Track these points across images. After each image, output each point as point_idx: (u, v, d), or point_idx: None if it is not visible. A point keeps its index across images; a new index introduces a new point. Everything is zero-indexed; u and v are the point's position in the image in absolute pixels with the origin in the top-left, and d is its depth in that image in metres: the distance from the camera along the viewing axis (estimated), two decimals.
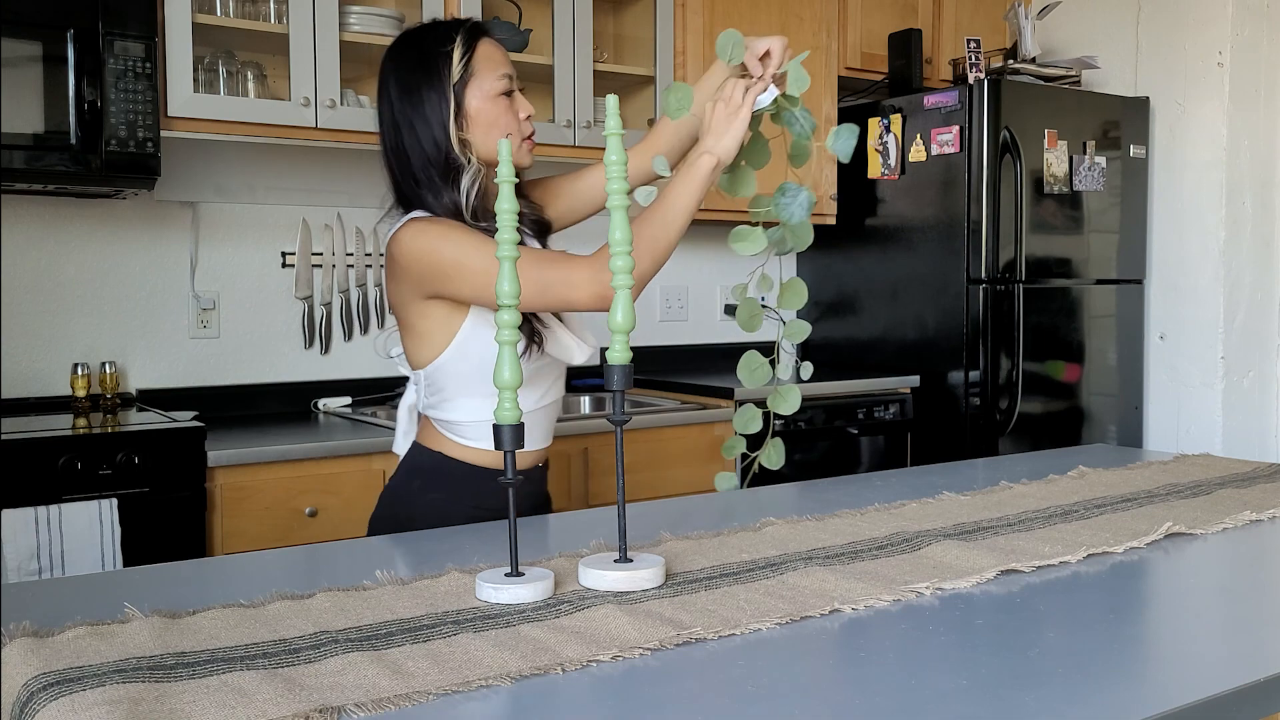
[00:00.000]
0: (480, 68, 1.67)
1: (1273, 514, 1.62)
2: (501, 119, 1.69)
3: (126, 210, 2.89)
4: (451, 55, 1.66)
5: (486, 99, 1.68)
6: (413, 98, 1.66)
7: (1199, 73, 3.81)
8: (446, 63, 1.66)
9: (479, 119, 1.68)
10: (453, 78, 1.66)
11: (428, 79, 1.66)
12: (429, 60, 1.66)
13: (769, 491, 1.88)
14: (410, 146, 1.68)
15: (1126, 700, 0.94)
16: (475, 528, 1.60)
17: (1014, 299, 3.53)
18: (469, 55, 1.66)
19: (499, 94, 1.69)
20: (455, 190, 1.66)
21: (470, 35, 1.69)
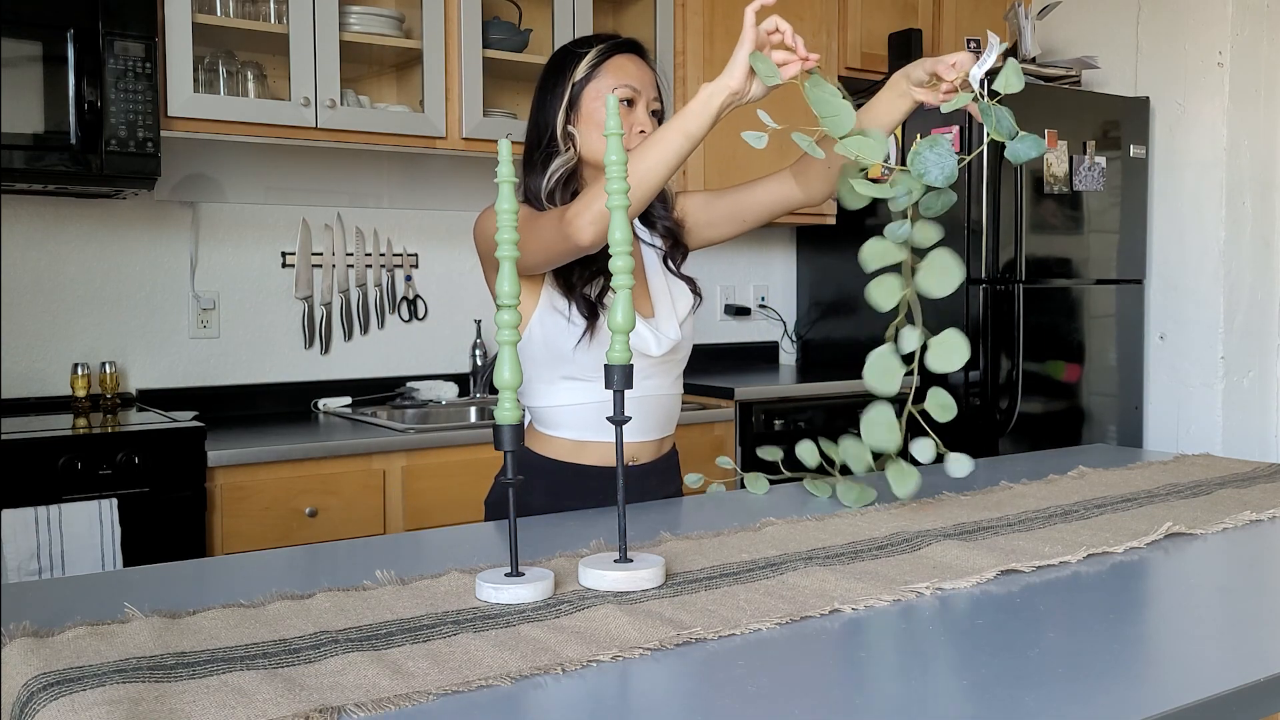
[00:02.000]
0: (605, 73, 1.75)
1: (1273, 514, 1.62)
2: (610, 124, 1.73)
3: (126, 210, 2.89)
4: (583, 57, 1.76)
5: (599, 100, 1.74)
6: (541, 90, 1.78)
7: (1199, 73, 3.81)
8: (576, 62, 1.76)
9: (589, 118, 1.75)
10: (576, 76, 1.75)
11: (557, 74, 1.77)
12: (564, 59, 1.78)
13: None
14: (528, 132, 1.81)
15: (1126, 700, 0.94)
16: (477, 526, 1.60)
17: (1014, 299, 3.52)
18: (600, 61, 1.76)
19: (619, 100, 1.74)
20: (543, 174, 1.75)
21: (613, 48, 1.77)
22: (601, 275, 1.71)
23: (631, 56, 1.78)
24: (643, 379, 1.76)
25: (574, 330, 1.70)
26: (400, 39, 2.97)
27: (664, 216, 1.86)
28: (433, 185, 3.32)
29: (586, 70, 1.75)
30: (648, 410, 1.79)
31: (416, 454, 2.65)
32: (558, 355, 1.72)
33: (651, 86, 1.79)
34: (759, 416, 3.25)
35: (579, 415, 1.75)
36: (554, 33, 3.15)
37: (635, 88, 1.75)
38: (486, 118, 3.03)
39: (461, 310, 3.38)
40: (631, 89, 1.75)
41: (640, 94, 1.76)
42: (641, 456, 1.81)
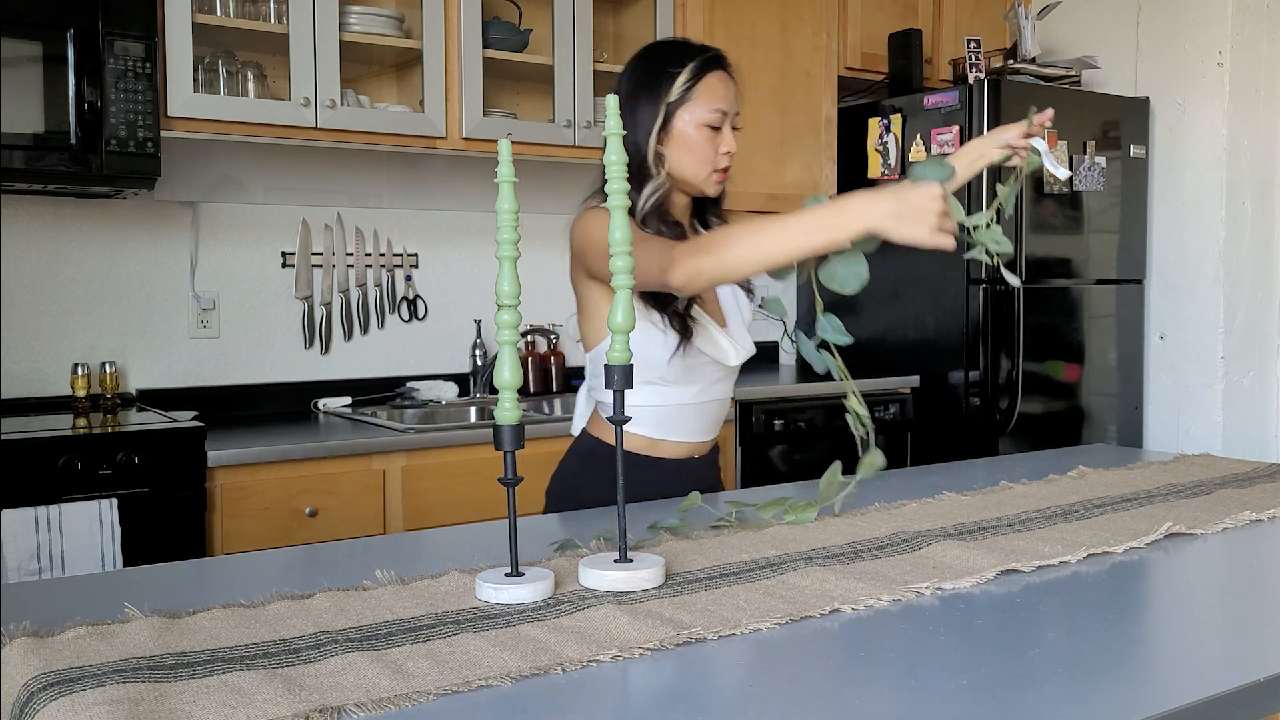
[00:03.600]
0: (698, 96, 1.77)
1: (1273, 514, 1.62)
2: (700, 148, 1.78)
3: (126, 210, 2.89)
4: (676, 77, 1.76)
5: (693, 125, 1.77)
6: (633, 101, 1.78)
7: (1199, 73, 3.81)
8: (670, 82, 1.76)
9: (680, 140, 1.77)
10: (669, 96, 1.76)
11: (649, 91, 1.78)
12: (657, 75, 1.78)
13: (769, 492, 1.88)
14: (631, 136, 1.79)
15: (1126, 700, 0.94)
16: (477, 527, 1.60)
17: (1014, 299, 3.52)
18: (693, 83, 1.76)
19: (706, 125, 1.77)
20: (637, 194, 1.77)
21: (704, 66, 1.78)
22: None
23: (721, 74, 1.79)
24: (713, 384, 1.86)
25: (668, 342, 1.76)
26: (400, 39, 2.97)
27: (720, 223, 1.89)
28: (433, 185, 3.32)
29: (680, 93, 1.76)
30: (711, 413, 1.89)
31: (416, 454, 2.65)
32: (645, 362, 1.78)
33: (737, 101, 1.81)
34: (759, 417, 3.25)
35: (655, 414, 1.83)
36: (554, 32, 3.15)
37: (725, 110, 1.78)
38: (486, 118, 3.03)
39: (461, 310, 3.38)
40: (721, 113, 1.77)
41: (728, 115, 1.78)
42: (700, 452, 1.91)
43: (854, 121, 3.83)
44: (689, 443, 1.87)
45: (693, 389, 1.83)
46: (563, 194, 3.53)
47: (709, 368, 1.83)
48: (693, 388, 1.83)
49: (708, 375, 1.84)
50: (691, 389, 1.83)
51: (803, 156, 3.68)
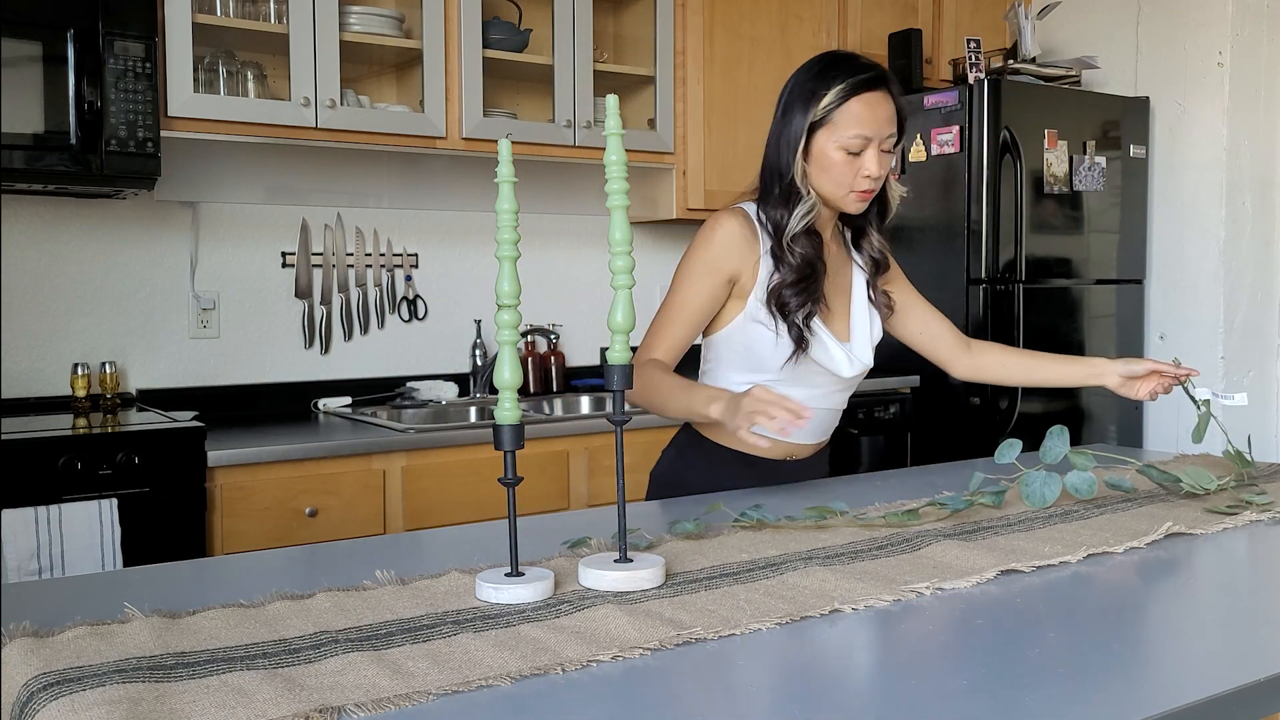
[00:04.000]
0: (841, 120, 1.76)
1: (1273, 514, 1.62)
2: (835, 170, 1.78)
3: (126, 210, 2.89)
4: (823, 96, 1.76)
5: (832, 147, 1.77)
6: (786, 114, 1.81)
7: (1199, 73, 3.81)
8: (816, 101, 1.76)
9: (818, 160, 1.79)
10: (813, 115, 1.77)
11: (800, 105, 1.79)
12: (807, 90, 1.78)
13: (769, 492, 1.88)
14: (771, 152, 1.84)
15: (1126, 700, 0.94)
16: (478, 526, 1.60)
17: (1014, 299, 3.52)
18: (836, 106, 1.76)
19: (846, 150, 1.77)
20: (787, 212, 1.80)
21: (852, 88, 1.76)
22: (812, 302, 1.80)
23: (874, 95, 1.77)
24: (825, 392, 1.89)
25: (782, 347, 1.80)
26: (400, 39, 2.97)
27: (875, 247, 1.92)
28: (433, 185, 3.32)
29: (823, 114, 1.76)
30: (818, 420, 1.91)
31: (416, 454, 2.65)
32: (757, 362, 1.83)
33: (889, 123, 1.78)
34: None
35: None
36: (554, 32, 3.15)
37: (867, 136, 1.76)
38: (486, 118, 3.03)
39: (461, 310, 3.38)
40: (863, 139, 1.76)
41: (871, 140, 1.76)
42: (800, 454, 1.95)
43: None
44: (788, 444, 1.90)
45: (802, 393, 1.84)
46: (563, 194, 3.53)
47: (821, 376, 1.86)
48: (803, 392, 1.84)
49: (820, 383, 1.87)
50: (803, 392, 1.84)
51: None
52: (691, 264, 1.84)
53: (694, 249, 1.84)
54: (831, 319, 1.87)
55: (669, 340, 1.83)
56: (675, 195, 3.44)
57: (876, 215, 1.90)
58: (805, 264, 1.80)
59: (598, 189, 1.53)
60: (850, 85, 1.76)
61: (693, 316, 1.83)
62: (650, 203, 3.51)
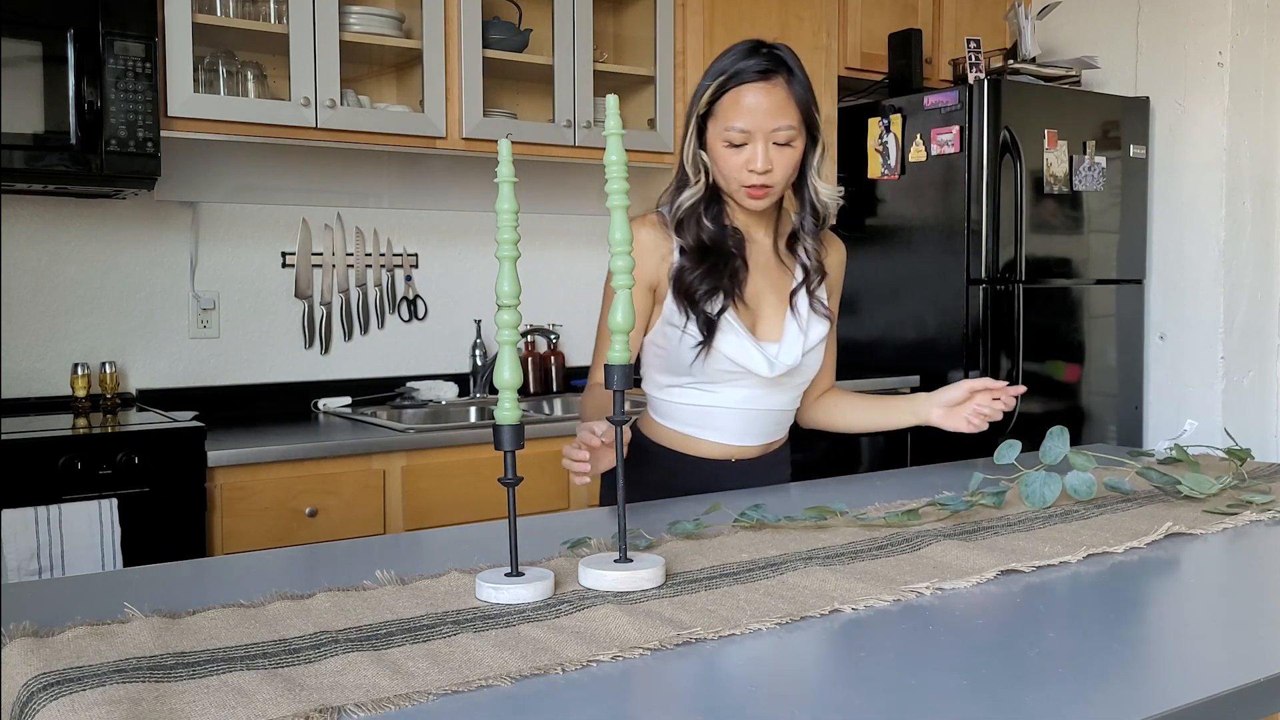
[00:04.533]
0: (720, 112, 1.75)
1: (1273, 514, 1.62)
2: (721, 162, 1.77)
3: (126, 210, 2.89)
4: (706, 88, 1.76)
5: (716, 140, 1.76)
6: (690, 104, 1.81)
7: (1199, 73, 3.81)
8: (700, 93, 1.77)
9: (710, 152, 1.78)
10: (699, 109, 1.77)
11: (695, 96, 1.79)
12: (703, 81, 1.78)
13: (769, 492, 1.88)
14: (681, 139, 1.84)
15: (1126, 700, 0.94)
16: (478, 526, 1.60)
17: (1014, 299, 3.52)
18: (715, 98, 1.75)
19: (728, 142, 1.75)
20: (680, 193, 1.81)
21: (731, 79, 1.73)
22: (721, 292, 1.77)
23: (756, 87, 1.72)
24: (759, 393, 1.85)
25: (689, 343, 1.77)
26: (400, 39, 2.97)
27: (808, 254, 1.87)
28: (433, 185, 3.32)
29: (705, 106, 1.76)
30: (752, 420, 1.88)
31: (416, 454, 2.65)
32: (674, 363, 1.82)
33: (774, 115, 1.72)
34: None
35: (689, 412, 1.86)
36: (554, 32, 3.15)
37: (746, 129, 1.72)
38: (486, 118, 3.03)
39: (461, 310, 3.38)
40: (740, 131, 1.72)
41: (753, 134, 1.72)
42: (743, 455, 1.90)
43: (854, 121, 3.84)
44: (727, 445, 1.87)
45: (733, 394, 1.83)
46: (563, 194, 3.53)
47: (744, 377, 1.82)
48: (733, 392, 1.83)
49: (745, 384, 1.83)
50: (731, 393, 1.83)
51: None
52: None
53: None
54: (761, 321, 1.83)
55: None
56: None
57: (810, 218, 1.83)
58: (702, 247, 1.78)
59: (598, 189, 1.53)
60: (729, 76, 1.73)
61: None
62: (650, 203, 3.50)
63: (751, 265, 1.83)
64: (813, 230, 1.85)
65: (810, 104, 1.76)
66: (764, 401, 1.87)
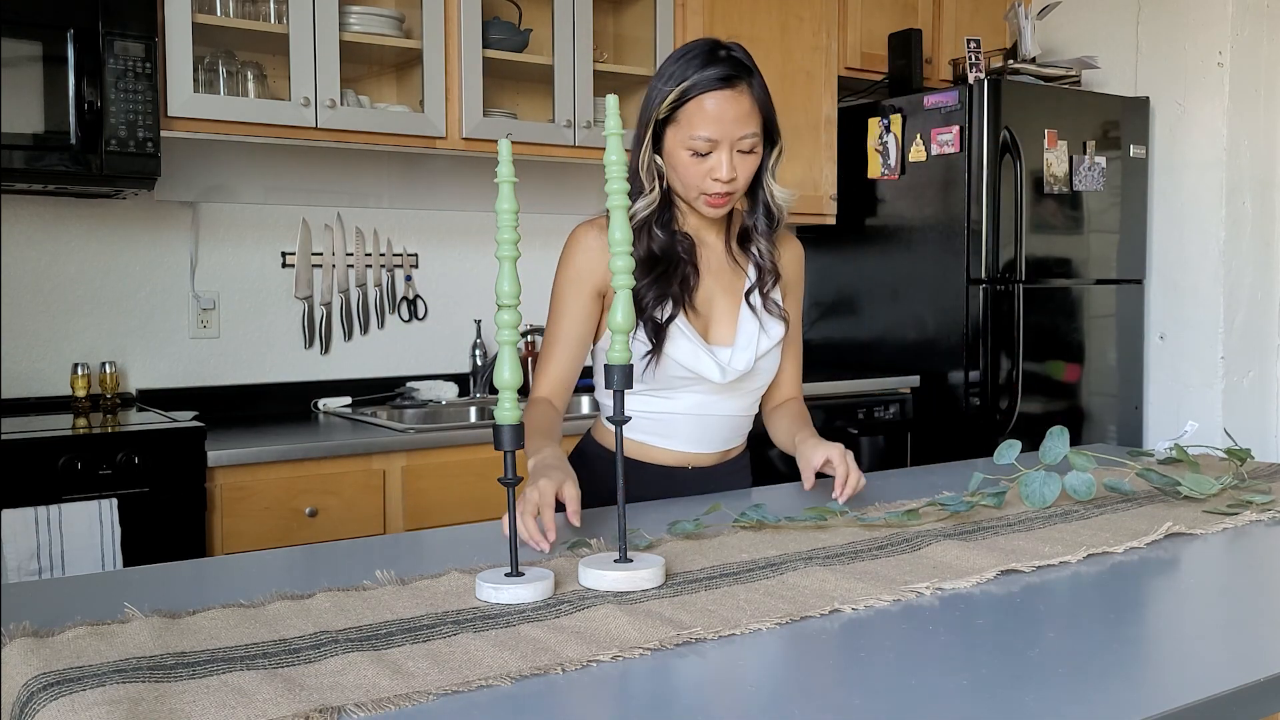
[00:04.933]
0: (684, 119, 1.68)
1: (1273, 514, 1.62)
2: (681, 170, 1.71)
3: (126, 210, 2.89)
4: (668, 94, 1.68)
5: (678, 147, 1.70)
6: (643, 107, 1.74)
7: (1199, 73, 3.81)
8: (661, 97, 1.69)
9: (669, 159, 1.72)
10: (658, 112, 1.70)
11: (651, 99, 1.72)
12: (658, 84, 1.71)
13: (769, 492, 1.88)
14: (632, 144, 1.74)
15: (1126, 700, 0.94)
16: (478, 526, 1.60)
17: (1014, 299, 3.52)
18: (679, 105, 1.68)
19: (692, 150, 1.69)
20: (633, 204, 1.72)
21: (697, 85, 1.67)
22: (671, 299, 1.74)
23: (721, 94, 1.66)
24: (713, 399, 1.82)
25: (639, 349, 1.73)
26: (400, 39, 2.97)
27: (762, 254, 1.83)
28: (433, 185, 3.32)
29: (667, 112, 1.69)
30: (708, 427, 1.85)
31: (416, 454, 2.65)
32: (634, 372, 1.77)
33: (740, 123, 1.67)
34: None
35: (642, 420, 1.82)
36: (554, 33, 3.15)
37: (712, 138, 1.67)
38: (486, 118, 3.03)
39: (461, 310, 3.38)
40: (706, 140, 1.67)
41: (719, 142, 1.68)
42: (701, 463, 1.87)
43: (854, 121, 3.84)
44: (683, 452, 1.84)
45: (685, 400, 1.80)
46: (563, 194, 3.53)
47: (696, 383, 1.79)
48: (685, 399, 1.80)
49: (698, 389, 1.80)
50: (683, 400, 1.80)
51: (803, 156, 3.68)
52: (558, 289, 1.78)
53: (557, 272, 1.78)
54: (713, 325, 1.80)
55: (552, 374, 1.77)
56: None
57: (763, 219, 1.80)
58: (653, 257, 1.73)
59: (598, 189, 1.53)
60: (695, 82, 1.66)
61: (572, 343, 1.77)
62: None
63: (703, 269, 1.79)
64: (766, 231, 1.81)
65: (770, 107, 1.73)
66: (718, 407, 1.83)
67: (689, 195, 1.74)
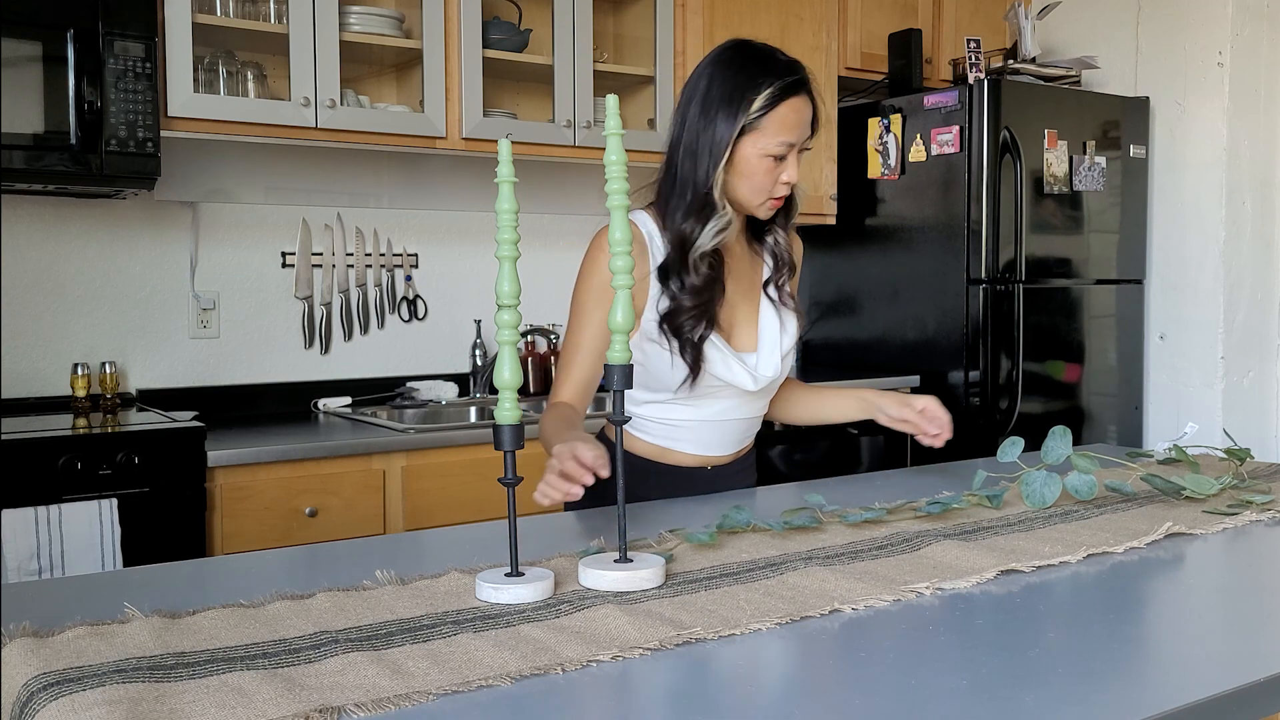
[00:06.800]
0: (768, 126, 1.67)
1: (1273, 514, 1.62)
2: (758, 177, 1.70)
3: (126, 210, 2.89)
4: (753, 101, 1.66)
5: (757, 154, 1.68)
6: (706, 117, 1.69)
7: (1199, 73, 3.81)
8: (746, 106, 1.67)
9: (740, 166, 1.69)
10: (743, 121, 1.67)
11: (725, 109, 1.67)
12: (735, 93, 1.67)
13: (769, 491, 1.88)
14: (684, 156, 1.71)
15: (1126, 700, 0.94)
16: (478, 526, 1.60)
17: (1014, 299, 3.52)
18: (766, 110, 1.67)
19: (770, 156, 1.69)
20: (698, 227, 1.70)
21: (782, 92, 1.67)
22: (708, 323, 1.72)
23: (799, 100, 1.69)
24: (735, 404, 1.82)
25: (677, 367, 1.72)
26: (400, 39, 2.97)
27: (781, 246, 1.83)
28: (433, 185, 3.32)
29: (752, 119, 1.67)
30: (729, 429, 1.86)
31: (416, 454, 2.65)
32: (655, 381, 1.77)
33: (808, 124, 1.72)
34: None
35: (665, 427, 1.82)
36: (554, 33, 3.15)
37: (792, 142, 1.69)
38: (486, 118, 3.03)
39: (461, 310, 3.38)
40: (787, 145, 1.69)
41: (794, 146, 1.70)
42: (719, 462, 1.88)
43: (854, 121, 3.84)
44: (703, 455, 1.85)
45: (711, 407, 1.81)
46: (563, 194, 3.53)
47: (725, 390, 1.79)
48: (711, 406, 1.81)
49: (726, 396, 1.80)
50: (709, 407, 1.81)
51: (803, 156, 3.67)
52: (583, 293, 1.74)
53: (583, 276, 1.75)
54: (736, 329, 1.80)
55: (573, 379, 1.74)
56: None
57: (783, 213, 1.81)
58: (706, 285, 1.71)
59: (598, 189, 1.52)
60: (780, 88, 1.67)
61: (596, 347, 1.73)
62: None
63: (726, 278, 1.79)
64: (784, 223, 1.83)
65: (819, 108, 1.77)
66: (741, 411, 1.84)
67: (754, 201, 1.73)
